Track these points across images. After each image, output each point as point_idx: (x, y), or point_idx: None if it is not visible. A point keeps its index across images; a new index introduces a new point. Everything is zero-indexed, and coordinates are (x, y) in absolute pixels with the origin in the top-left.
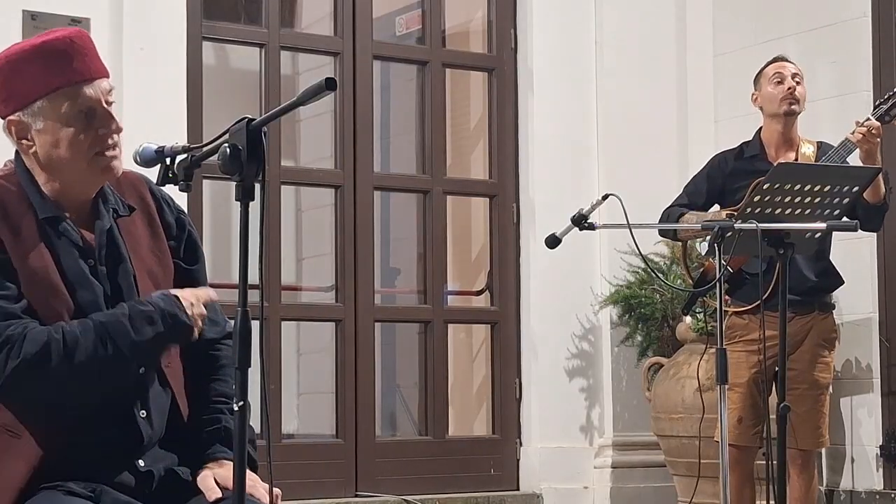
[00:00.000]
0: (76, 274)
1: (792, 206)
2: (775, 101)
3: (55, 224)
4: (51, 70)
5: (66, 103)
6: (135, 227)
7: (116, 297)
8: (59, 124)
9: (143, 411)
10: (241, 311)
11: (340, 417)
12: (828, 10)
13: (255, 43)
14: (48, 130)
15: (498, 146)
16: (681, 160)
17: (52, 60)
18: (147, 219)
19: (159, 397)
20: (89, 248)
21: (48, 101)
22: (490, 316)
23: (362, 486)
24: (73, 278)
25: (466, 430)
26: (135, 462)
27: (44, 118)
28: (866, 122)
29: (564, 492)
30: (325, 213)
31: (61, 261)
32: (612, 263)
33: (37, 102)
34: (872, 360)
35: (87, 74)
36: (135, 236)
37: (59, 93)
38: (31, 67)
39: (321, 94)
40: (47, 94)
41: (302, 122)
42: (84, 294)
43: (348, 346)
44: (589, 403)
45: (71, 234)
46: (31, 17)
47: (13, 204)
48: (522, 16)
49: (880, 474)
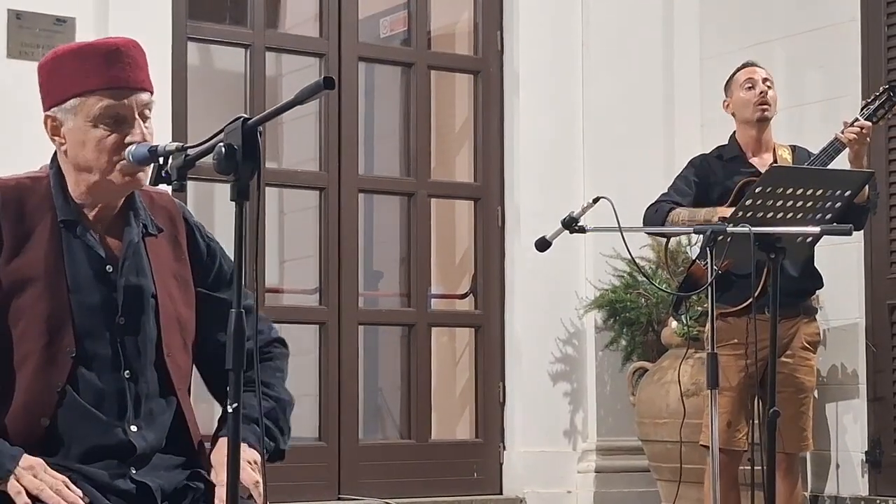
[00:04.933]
0: (83, 277)
1: (784, 210)
2: (748, 107)
3: (72, 227)
4: (89, 71)
5: (97, 105)
6: (161, 249)
7: (130, 308)
8: (88, 125)
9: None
10: (234, 312)
11: (324, 420)
12: (816, 13)
13: (240, 44)
14: (77, 129)
15: (483, 149)
16: (667, 164)
17: (93, 62)
18: (173, 243)
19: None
20: (111, 255)
21: (81, 101)
22: (474, 319)
23: (345, 489)
24: (78, 281)
25: (449, 433)
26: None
27: (75, 116)
28: (857, 122)
29: (547, 496)
30: (308, 215)
31: (69, 263)
32: (597, 268)
33: (71, 100)
34: (858, 365)
35: (125, 83)
36: (160, 257)
37: (93, 94)
38: (72, 66)
39: (319, 92)
40: (82, 93)
41: (285, 124)
42: (84, 297)
43: (332, 349)
44: (573, 408)
45: (88, 238)
46: (16, 16)
47: (33, 204)
48: (509, 18)
49: (865, 480)
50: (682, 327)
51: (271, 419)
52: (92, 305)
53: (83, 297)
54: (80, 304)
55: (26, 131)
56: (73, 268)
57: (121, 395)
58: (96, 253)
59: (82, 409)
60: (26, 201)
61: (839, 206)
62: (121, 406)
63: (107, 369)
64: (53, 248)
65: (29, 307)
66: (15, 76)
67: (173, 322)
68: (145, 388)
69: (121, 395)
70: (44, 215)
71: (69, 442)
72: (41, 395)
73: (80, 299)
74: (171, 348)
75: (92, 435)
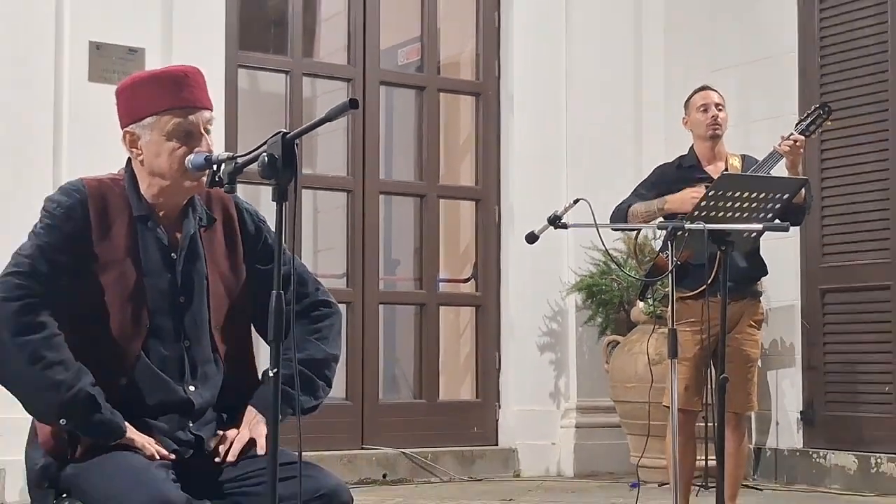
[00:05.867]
0: (153, 265)
1: (733, 210)
2: (702, 126)
3: (145, 221)
4: (163, 93)
5: (170, 122)
6: (215, 237)
7: (186, 288)
8: (162, 138)
9: (192, 386)
10: (274, 293)
11: (350, 383)
12: (761, 45)
13: (281, 70)
14: (153, 142)
15: (483, 158)
16: (636, 171)
17: (166, 86)
18: (227, 230)
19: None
20: (174, 245)
21: (157, 119)
22: (475, 300)
23: (367, 440)
24: (150, 267)
25: (454, 394)
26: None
27: (151, 131)
28: (791, 136)
29: (536, 447)
30: (338, 213)
31: (142, 252)
32: (578, 257)
33: (147, 118)
34: (795, 339)
35: (192, 102)
36: (213, 244)
37: (167, 113)
38: (149, 89)
39: (346, 111)
40: (157, 112)
41: (319, 137)
42: (155, 281)
43: (357, 324)
44: (557, 374)
45: (157, 231)
46: (96, 46)
47: (114, 201)
48: (505, 49)
49: (800, 435)
50: (648, 307)
51: (301, 378)
52: (160, 287)
53: (153, 279)
54: (152, 286)
55: (102, 141)
56: (145, 255)
57: (180, 361)
58: (163, 243)
59: (152, 372)
60: (108, 197)
61: (779, 207)
62: (180, 370)
63: (170, 339)
64: (131, 238)
65: (112, 284)
66: (95, 97)
67: (222, 300)
68: (200, 355)
69: (180, 361)
70: (122, 210)
71: (140, 399)
72: (121, 359)
73: (152, 282)
74: (220, 323)
75: (159, 393)
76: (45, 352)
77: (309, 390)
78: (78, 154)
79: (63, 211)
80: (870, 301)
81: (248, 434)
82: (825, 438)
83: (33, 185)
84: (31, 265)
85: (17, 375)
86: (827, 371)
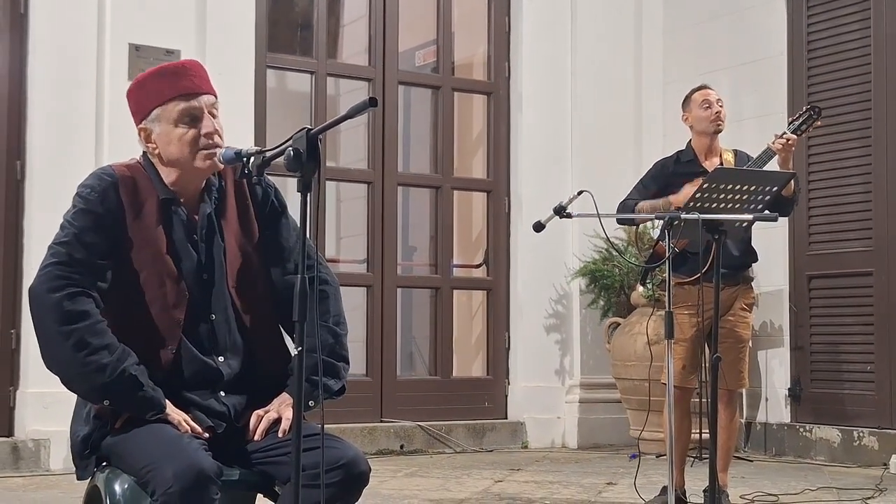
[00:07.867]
0: (180, 244)
1: (726, 202)
2: (705, 122)
3: (170, 204)
4: (165, 85)
5: (175, 109)
6: (230, 211)
7: (209, 263)
8: (170, 126)
9: (221, 357)
10: (300, 277)
11: (370, 360)
12: (753, 48)
13: (307, 70)
14: (164, 132)
15: (494, 152)
16: (636, 165)
17: (167, 78)
18: (240, 198)
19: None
20: (194, 225)
21: (162, 109)
22: (486, 284)
23: (386, 414)
24: (178, 247)
25: (467, 371)
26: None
27: (160, 123)
28: (784, 135)
29: (542, 420)
30: (359, 203)
31: (169, 234)
32: (582, 245)
33: (154, 111)
34: (783, 321)
35: (193, 89)
36: (228, 219)
37: (171, 102)
38: (152, 84)
39: (366, 109)
40: (161, 103)
41: (342, 133)
42: (183, 261)
43: (376, 306)
44: (562, 353)
45: (181, 213)
46: (135, 48)
47: (143, 184)
48: (515, 51)
49: (788, 410)
50: (647, 292)
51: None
52: (188, 264)
53: (182, 257)
54: (181, 263)
55: None
56: (172, 235)
57: (211, 334)
58: (187, 224)
59: (186, 346)
60: (138, 180)
61: (768, 199)
62: (210, 341)
63: (199, 313)
64: (160, 219)
65: (149, 261)
66: None
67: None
68: (226, 327)
69: (211, 333)
70: (150, 192)
71: (179, 372)
72: (169, 330)
73: (180, 259)
74: (239, 294)
75: (193, 365)
76: (90, 338)
77: (333, 374)
78: (119, 150)
79: (97, 195)
80: (853, 286)
81: (276, 415)
82: (811, 413)
83: (77, 182)
84: (69, 254)
85: (64, 363)
86: (813, 351)
